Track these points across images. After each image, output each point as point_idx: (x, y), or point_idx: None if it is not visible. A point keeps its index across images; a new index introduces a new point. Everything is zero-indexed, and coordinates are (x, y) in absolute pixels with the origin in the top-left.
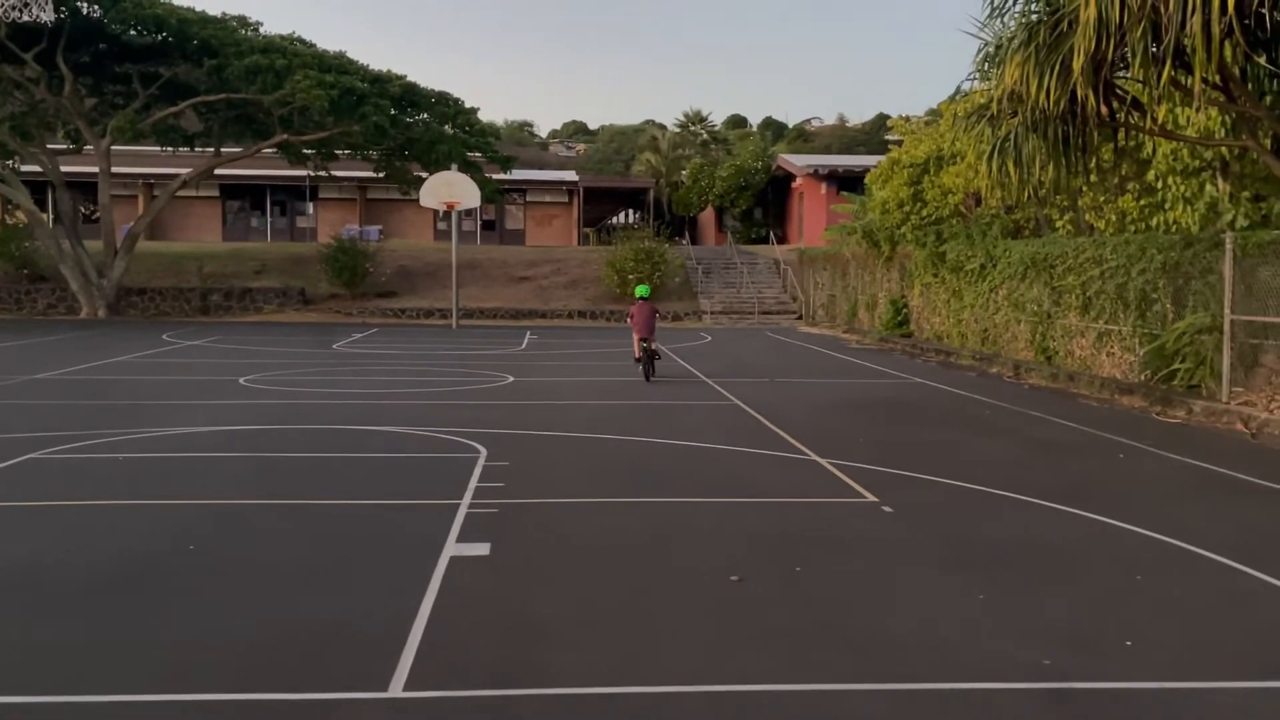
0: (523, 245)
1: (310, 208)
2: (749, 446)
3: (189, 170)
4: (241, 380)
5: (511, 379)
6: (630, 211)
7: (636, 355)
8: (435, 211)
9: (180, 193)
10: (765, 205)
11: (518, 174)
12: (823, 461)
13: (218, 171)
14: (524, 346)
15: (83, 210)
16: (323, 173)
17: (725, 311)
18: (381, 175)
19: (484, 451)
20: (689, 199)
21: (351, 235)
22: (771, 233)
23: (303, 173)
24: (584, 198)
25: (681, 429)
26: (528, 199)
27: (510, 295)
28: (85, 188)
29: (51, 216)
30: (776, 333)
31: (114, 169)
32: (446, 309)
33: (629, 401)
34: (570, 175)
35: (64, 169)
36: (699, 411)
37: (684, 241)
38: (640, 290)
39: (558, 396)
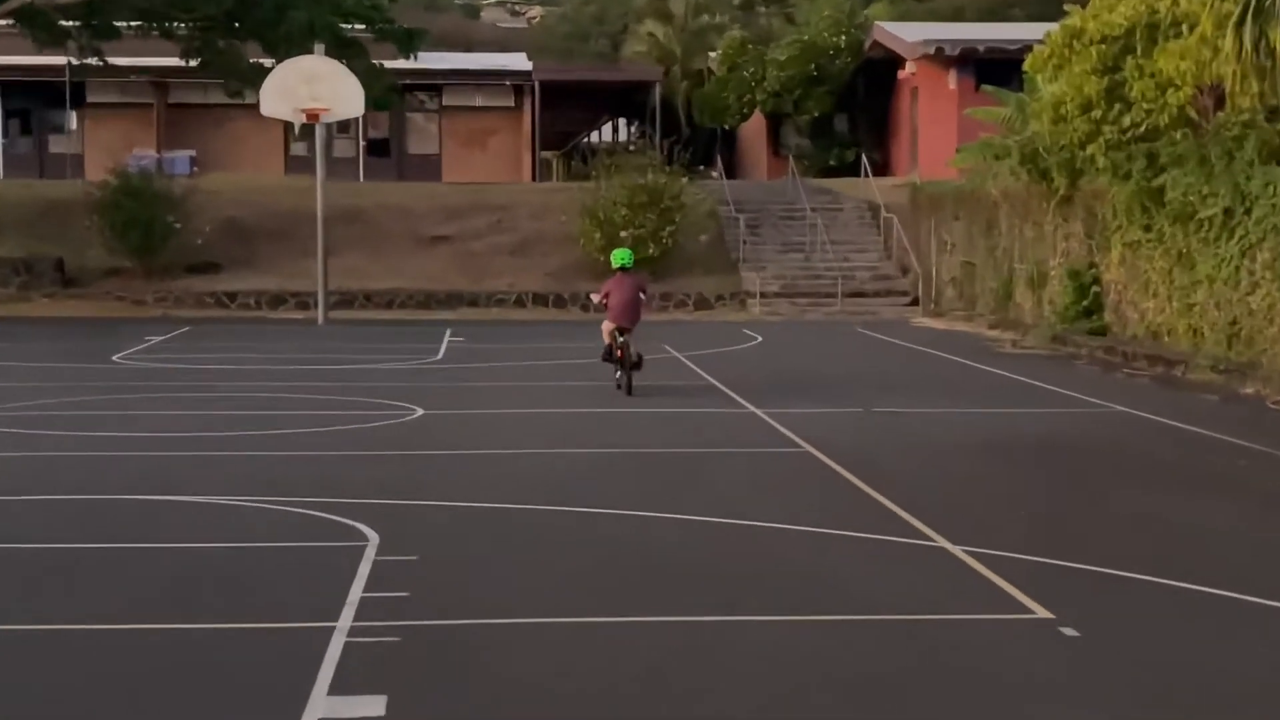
0: (438, 181)
1: (72, 120)
2: (830, 525)
3: None
4: None
5: (420, 413)
6: (622, 123)
7: (609, 345)
8: (287, 126)
9: None
10: (853, 110)
11: (428, 60)
12: (956, 550)
13: None
14: (441, 356)
15: None
16: (94, 60)
17: (786, 293)
18: (194, 64)
19: (374, 538)
20: (722, 101)
21: (144, 167)
22: (865, 157)
23: (59, 60)
24: (542, 100)
25: (709, 495)
26: (445, 103)
27: (418, 268)
28: None
29: None
30: (875, 328)
31: None
32: (309, 293)
33: (616, 448)
34: (519, 61)
35: None
36: (741, 464)
37: (715, 173)
38: (620, 256)
39: (496, 442)
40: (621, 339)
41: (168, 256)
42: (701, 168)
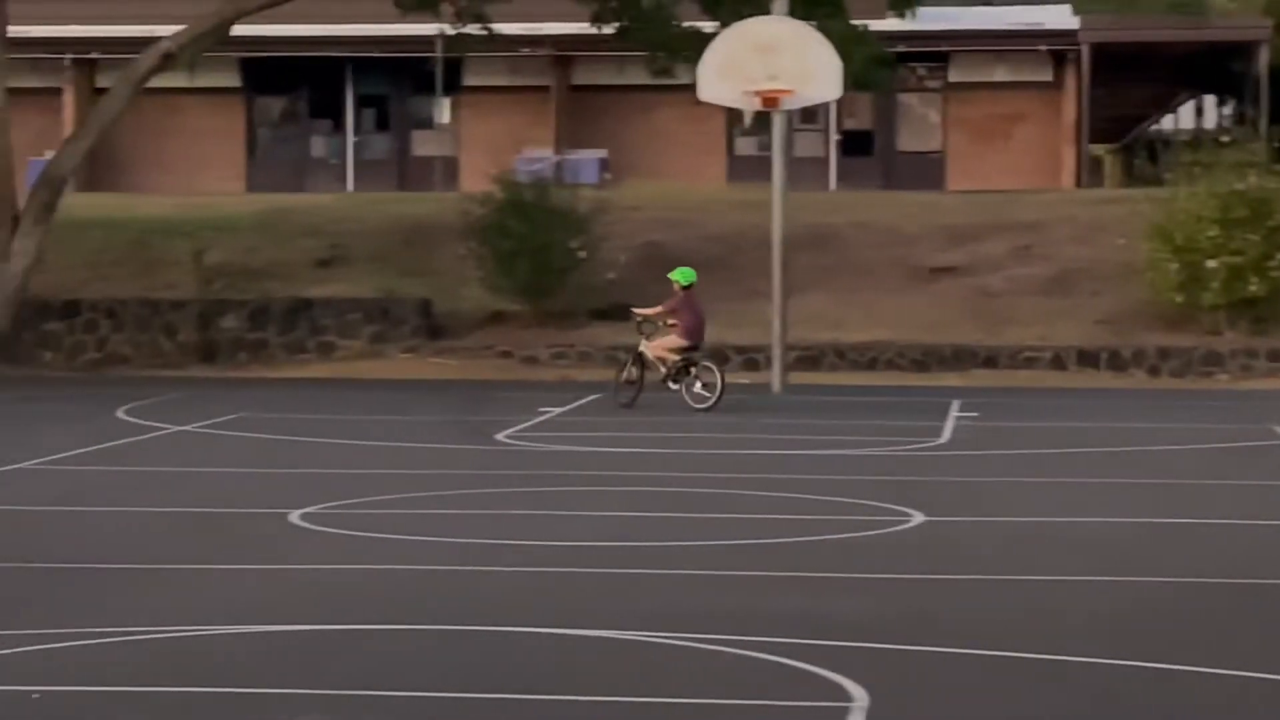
0: (940, 190)
1: (444, 110)
2: None
3: (179, 29)
4: (295, 517)
5: (919, 519)
6: (1210, 102)
7: (665, 371)
8: (731, 116)
9: (157, 81)
10: None
11: (930, 19)
12: None
13: (238, 31)
14: (945, 439)
15: None
16: (475, 28)
17: None
18: (610, 31)
19: (862, 698)
20: None
21: (538, 173)
22: None
23: (429, 29)
24: (1093, 71)
25: None
26: (952, 79)
27: (910, 312)
28: None
29: None
30: None
31: (15, 30)
32: (758, 347)
33: (1215, 578)
34: (1058, 16)
35: None
36: None
37: None
38: (682, 275)
39: (1028, 564)
40: (689, 356)
41: (568, 297)
42: None
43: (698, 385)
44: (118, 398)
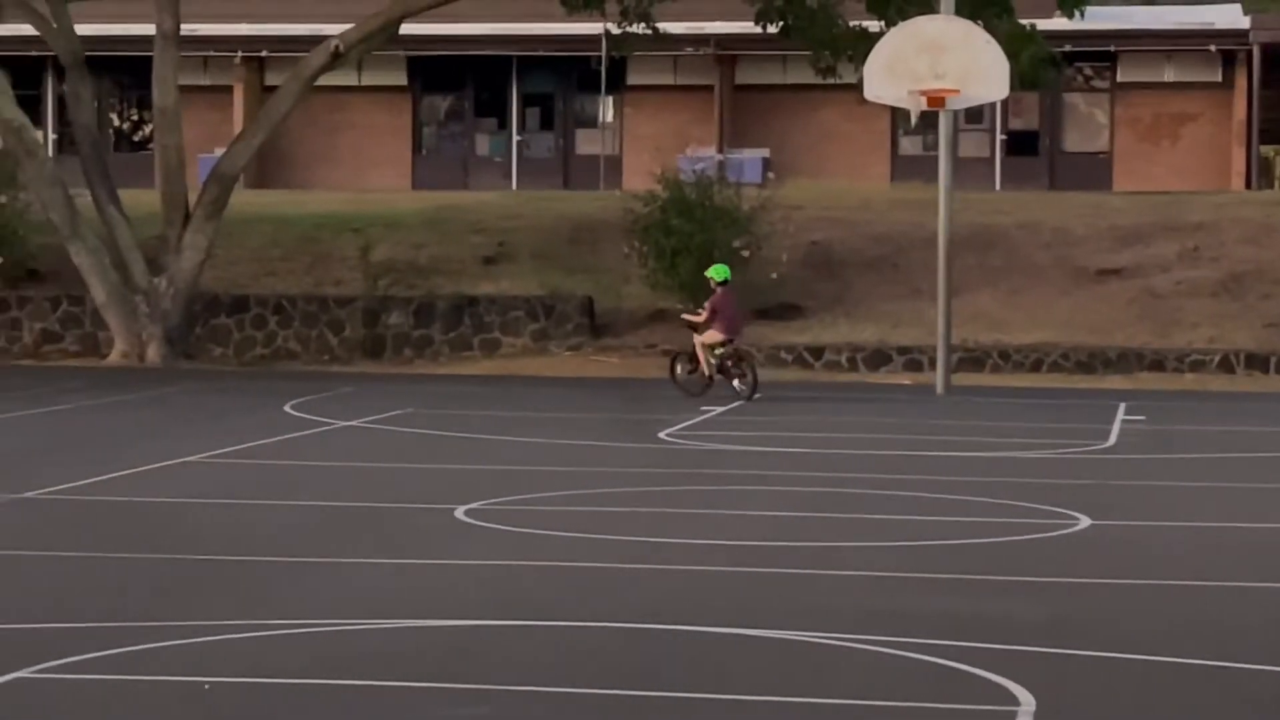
0: (1107, 191)
1: (609, 109)
2: None
3: (347, 28)
4: (460, 513)
5: (1085, 523)
6: None
7: (705, 372)
8: (895, 116)
9: (325, 79)
10: None
11: (1098, 18)
12: None
13: (405, 29)
14: (1112, 441)
15: (119, 124)
16: (640, 27)
17: None
18: (774, 30)
19: (1028, 703)
20: None
21: (701, 172)
22: None
23: (594, 28)
24: (1265, 70)
25: None
26: (1120, 79)
27: (1075, 314)
28: (125, 69)
29: (53, 139)
30: None
31: (187, 28)
32: (922, 348)
33: None
34: (1228, 15)
35: (82, 31)
36: None
37: None
38: (716, 272)
39: (1200, 569)
40: (724, 349)
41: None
42: None
43: (735, 381)
44: (285, 392)
